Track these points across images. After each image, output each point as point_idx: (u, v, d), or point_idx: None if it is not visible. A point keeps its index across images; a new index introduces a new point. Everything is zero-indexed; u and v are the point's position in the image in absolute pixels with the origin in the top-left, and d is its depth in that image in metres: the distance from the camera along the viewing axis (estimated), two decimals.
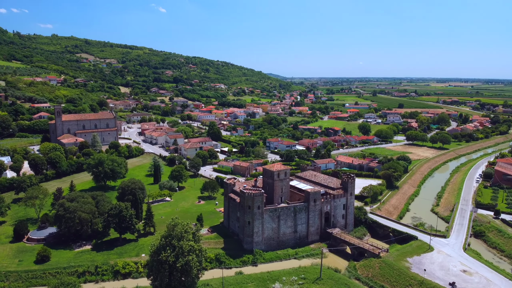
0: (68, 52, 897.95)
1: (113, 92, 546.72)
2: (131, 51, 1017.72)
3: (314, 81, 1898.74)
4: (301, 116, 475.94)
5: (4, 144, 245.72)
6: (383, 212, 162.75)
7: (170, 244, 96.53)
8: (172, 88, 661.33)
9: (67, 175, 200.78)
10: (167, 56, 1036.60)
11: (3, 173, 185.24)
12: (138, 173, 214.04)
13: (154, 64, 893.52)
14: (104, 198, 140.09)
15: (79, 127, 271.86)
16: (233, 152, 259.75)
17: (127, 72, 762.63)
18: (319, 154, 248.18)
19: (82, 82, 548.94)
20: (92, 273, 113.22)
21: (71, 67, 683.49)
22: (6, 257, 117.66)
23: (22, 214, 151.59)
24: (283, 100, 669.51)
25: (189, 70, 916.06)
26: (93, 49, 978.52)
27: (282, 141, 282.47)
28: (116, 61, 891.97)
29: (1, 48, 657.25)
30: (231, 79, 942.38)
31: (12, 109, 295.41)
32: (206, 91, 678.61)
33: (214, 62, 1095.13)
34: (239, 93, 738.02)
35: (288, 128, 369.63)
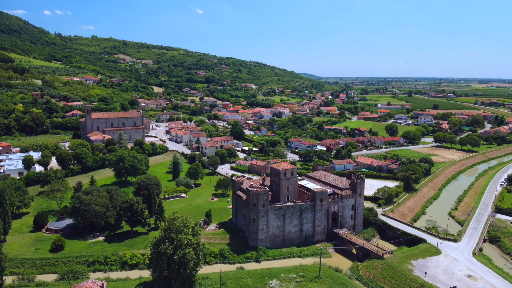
0: (106, 53, 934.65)
1: (146, 91, 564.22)
2: (167, 52, 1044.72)
3: (350, 81, 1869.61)
4: (328, 116, 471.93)
5: (37, 140, 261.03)
6: (396, 214, 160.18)
7: (169, 237, 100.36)
8: (203, 88, 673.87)
9: (92, 170, 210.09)
10: (201, 57, 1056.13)
11: (32, 167, 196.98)
12: (160, 169, 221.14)
13: (188, 64, 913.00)
14: (118, 192, 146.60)
15: (108, 124, 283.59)
16: (253, 151, 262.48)
17: (162, 73, 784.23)
18: (339, 155, 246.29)
19: (117, 82, 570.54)
20: (101, 263, 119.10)
21: (108, 67, 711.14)
22: (24, 245, 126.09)
23: (45, 206, 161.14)
24: (313, 100, 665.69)
25: (221, 71, 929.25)
26: (130, 50, 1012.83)
27: (303, 141, 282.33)
28: (151, 61, 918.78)
29: (43, 48, 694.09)
30: (262, 79, 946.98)
31: (47, 107, 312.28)
32: (236, 91, 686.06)
33: (247, 62, 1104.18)
34: (269, 93, 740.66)
35: (312, 128, 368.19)
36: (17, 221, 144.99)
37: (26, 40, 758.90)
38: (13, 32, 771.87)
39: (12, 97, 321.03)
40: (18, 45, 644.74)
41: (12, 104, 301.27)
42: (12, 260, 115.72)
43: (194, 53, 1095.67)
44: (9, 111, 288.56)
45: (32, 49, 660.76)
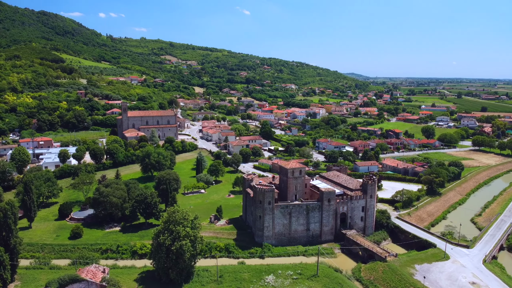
0: (154, 54, 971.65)
1: (187, 92, 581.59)
2: (211, 53, 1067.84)
3: (399, 82, 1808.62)
4: (366, 117, 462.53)
5: (78, 136, 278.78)
6: (412, 218, 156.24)
7: (168, 229, 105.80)
8: (242, 89, 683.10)
9: (123, 165, 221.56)
10: (243, 58, 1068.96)
11: (67, 160, 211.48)
12: (186, 166, 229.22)
13: (231, 65, 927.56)
14: (135, 185, 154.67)
15: (143, 122, 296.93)
16: (278, 151, 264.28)
17: (204, 73, 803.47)
18: (366, 156, 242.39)
19: (160, 82, 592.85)
20: (113, 251, 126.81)
21: (153, 68, 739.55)
22: (47, 232, 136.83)
23: (73, 197, 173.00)
24: (354, 101, 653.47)
25: (263, 71, 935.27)
26: (177, 52, 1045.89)
27: (331, 142, 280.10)
28: (196, 62, 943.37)
29: (93, 50, 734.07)
30: (303, 79, 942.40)
31: (89, 105, 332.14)
32: (275, 91, 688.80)
33: (289, 62, 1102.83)
34: (308, 93, 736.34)
35: (345, 129, 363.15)
36: (45, 210, 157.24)
37: (79, 41, 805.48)
38: (67, 33, 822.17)
39: (58, 95, 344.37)
40: (70, 46, 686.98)
41: (57, 102, 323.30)
42: (33, 245, 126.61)
43: (237, 54, 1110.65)
44: (54, 108, 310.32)
45: (83, 50, 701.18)
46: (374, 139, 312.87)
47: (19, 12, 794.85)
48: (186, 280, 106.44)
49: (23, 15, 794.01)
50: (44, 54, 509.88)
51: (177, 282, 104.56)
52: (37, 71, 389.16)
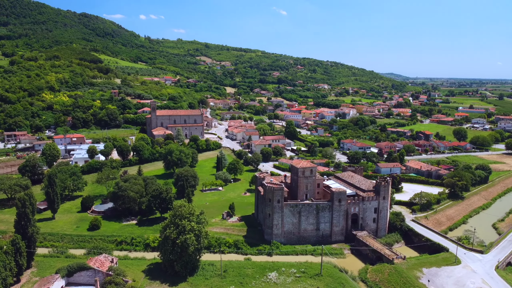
0: (189, 55, 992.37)
1: (219, 92, 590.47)
2: (245, 54, 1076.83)
3: (439, 82, 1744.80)
4: (398, 118, 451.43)
5: (109, 133, 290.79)
6: (430, 221, 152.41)
7: (174, 223, 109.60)
8: (273, 89, 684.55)
9: (148, 162, 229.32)
10: (277, 58, 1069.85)
11: (95, 156, 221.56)
12: (208, 164, 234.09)
13: (264, 66, 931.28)
14: (153, 181, 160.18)
15: (171, 121, 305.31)
16: (301, 151, 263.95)
17: (237, 74, 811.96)
18: (390, 158, 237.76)
19: (193, 83, 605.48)
20: (128, 243, 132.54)
21: (187, 68, 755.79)
22: (68, 223, 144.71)
23: (98, 191, 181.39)
24: (388, 101, 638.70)
25: (295, 71, 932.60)
26: (211, 52, 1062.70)
27: (355, 143, 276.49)
28: (230, 63, 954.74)
29: (131, 51, 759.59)
30: (337, 79, 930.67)
31: (121, 103, 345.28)
32: (306, 91, 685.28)
33: (323, 62, 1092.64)
34: (341, 93, 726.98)
35: (374, 130, 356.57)
36: (70, 203, 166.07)
37: (118, 42, 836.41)
38: (107, 35, 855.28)
39: (93, 94, 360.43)
40: (109, 47, 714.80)
41: (92, 100, 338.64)
42: (54, 234, 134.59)
43: (271, 55, 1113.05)
44: (88, 106, 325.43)
45: (121, 51, 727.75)
46: (403, 140, 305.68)
47: (61, 14, 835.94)
48: (191, 273, 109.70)
49: (65, 17, 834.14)
50: (84, 55, 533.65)
51: (182, 274, 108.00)
52: (74, 71, 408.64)
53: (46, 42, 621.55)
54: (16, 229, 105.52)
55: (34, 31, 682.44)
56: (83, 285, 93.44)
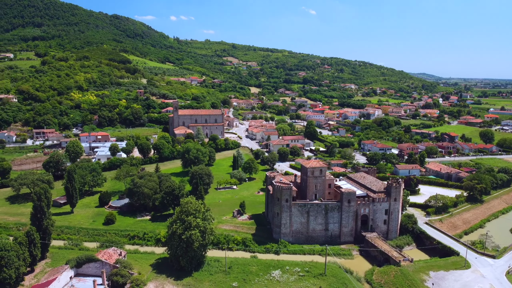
0: (216, 56, 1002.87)
1: (243, 92, 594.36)
2: (271, 54, 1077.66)
3: (473, 83, 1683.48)
4: (425, 119, 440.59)
5: (133, 132, 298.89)
6: (444, 224, 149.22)
7: (180, 219, 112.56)
8: (298, 89, 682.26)
9: (168, 159, 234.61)
10: (303, 57, 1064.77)
11: (117, 154, 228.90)
12: (225, 162, 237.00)
13: (290, 66, 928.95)
14: (167, 178, 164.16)
15: (192, 120, 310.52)
16: (319, 151, 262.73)
17: (262, 74, 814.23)
18: (411, 160, 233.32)
19: (218, 83, 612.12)
20: (140, 237, 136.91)
21: (213, 69, 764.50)
22: (86, 217, 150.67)
23: (117, 187, 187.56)
24: (416, 102, 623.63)
25: (322, 71, 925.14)
26: (238, 53, 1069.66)
27: (376, 144, 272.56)
28: (256, 63, 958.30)
29: (159, 51, 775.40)
30: (365, 79, 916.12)
31: (146, 103, 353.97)
32: (332, 91, 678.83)
33: (351, 62, 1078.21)
34: (368, 93, 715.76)
35: (398, 131, 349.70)
36: (89, 198, 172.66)
37: (148, 43, 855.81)
38: (137, 36, 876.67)
39: (119, 93, 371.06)
40: (138, 48, 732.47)
41: (118, 100, 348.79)
42: (71, 228, 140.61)
43: (298, 54, 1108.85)
44: (114, 105, 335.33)
45: (150, 52, 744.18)
46: (427, 142, 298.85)
47: (93, 16, 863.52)
48: (196, 268, 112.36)
49: (97, 18, 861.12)
50: (113, 56, 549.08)
51: (188, 269, 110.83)
52: (102, 71, 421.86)
53: (78, 43, 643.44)
54: (32, 222, 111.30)
55: (67, 32, 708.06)
56: (91, 276, 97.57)
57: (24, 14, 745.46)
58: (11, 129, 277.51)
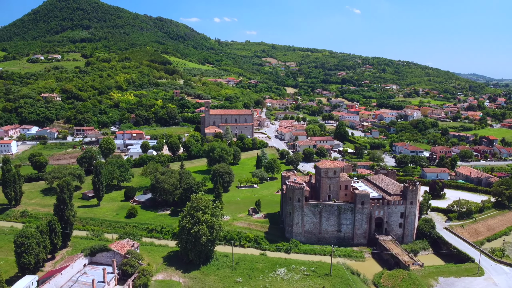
0: (256, 57, 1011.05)
1: (278, 92, 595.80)
2: (311, 54, 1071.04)
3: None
4: (466, 121, 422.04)
5: (167, 130, 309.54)
6: (466, 230, 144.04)
7: (190, 214, 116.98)
8: (336, 89, 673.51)
9: (196, 158, 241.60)
10: (344, 57, 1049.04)
11: (148, 151, 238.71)
12: (250, 162, 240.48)
13: (329, 66, 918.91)
14: (188, 175, 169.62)
15: (222, 120, 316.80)
16: (347, 152, 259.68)
17: (300, 74, 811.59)
18: (441, 163, 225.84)
19: (254, 83, 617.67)
20: (157, 231, 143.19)
21: (251, 70, 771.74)
22: (110, 210, 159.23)
23: (144, 183, 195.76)
24: (460, 103, 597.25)
25: (363, 71, 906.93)
26: (277, 53, 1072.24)
27: (407, 146, 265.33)
28: (294, 63, 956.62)
29: (200, 53, 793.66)
30: (408, 80, 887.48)
31: (180, 103, 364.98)
32: (371, 92, 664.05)
33: (394, 62, 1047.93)
34: (410, 94, 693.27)
35: (434, 133, 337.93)
36: (117, 192, 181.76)
37: (189, 45, 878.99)
38: (179, 38, 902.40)
39: (156, 93, 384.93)
40: (179, 49, 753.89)
41: (154, 99, 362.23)
42: (96, 220, 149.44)
43: (338, 54, 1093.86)
44: (150, 105, 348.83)
45: (191, 53, 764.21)
46: (463, 145, 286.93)
47: (138, 18, 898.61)
48: (205, 262, 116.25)
49: (142, 21, 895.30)
50: (155, 57, 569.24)
51: (196, 263, 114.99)
52: (142, 72, 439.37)
53: (123, 44, 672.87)
54: (55, 212, 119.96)
55: (113, 34, 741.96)
56: (104, 264, 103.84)
57: (73, 17, 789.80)
58: (53, 126, 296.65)
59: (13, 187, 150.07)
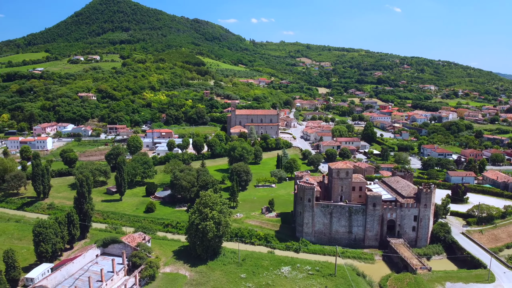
0: (290, 57, 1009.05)
1: (309, 93, 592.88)
2: (347, 54, 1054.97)
3: None
4: (504, 124, 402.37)
5: (195, 130, 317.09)
6: (484, 236, 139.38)
7: (199, 210, 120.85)
8: (370, 89, 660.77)
9: (220, 156, 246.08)
10: (381, 57, 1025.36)
11: (174, 149, 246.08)
12: (272, 162, 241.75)
13: (365, 65, 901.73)
14: (205, 173, 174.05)
15: (248, 120, 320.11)
16: (372, 154, 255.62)
17: (334, 74, 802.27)
18: (469, 166, 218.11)
19: (285, 84, 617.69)
20: (173, 226, 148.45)
21: (283, 70, 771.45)
22: (131, 205, 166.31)
23: (166, 179, 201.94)
24: (501, 105, 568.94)
25: (400, 71, 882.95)
26: (312, 53, 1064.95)
27: (436, 148, 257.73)
28: (329, 63, 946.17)
29: (233, 54, 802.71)
30: (448, 80, 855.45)
31: (209, 103, 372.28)
32: (407, 92, 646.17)
33: (434, 62, 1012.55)
34: (448, 95, 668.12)
35: (468, 136, 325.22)
36: (139, 188, 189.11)
37: (224, 46, 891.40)
38: (215, 39, 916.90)
39: (187, 94, 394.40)
40: (214, 51, 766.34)
41: (185, 99, 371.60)
42: (116, 213, 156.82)
43: (375, 54, 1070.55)
44: (180, 105, 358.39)
45: (225, 54, 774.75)
46: (496, 148, 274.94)
47: (175, 20, 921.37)
48: (212, 257, 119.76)
49: (179, 23, 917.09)
50: (189, 58, 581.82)
51: (203, 257, 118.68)
52: (175, 73, 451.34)
53: (159, 46, 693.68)
54: (75, 205, 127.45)
55: (151, 36, 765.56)
56: (115, 255, 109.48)
57: (113, 19, 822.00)
58: (88, 124, 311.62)
59: (41, 181, 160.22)
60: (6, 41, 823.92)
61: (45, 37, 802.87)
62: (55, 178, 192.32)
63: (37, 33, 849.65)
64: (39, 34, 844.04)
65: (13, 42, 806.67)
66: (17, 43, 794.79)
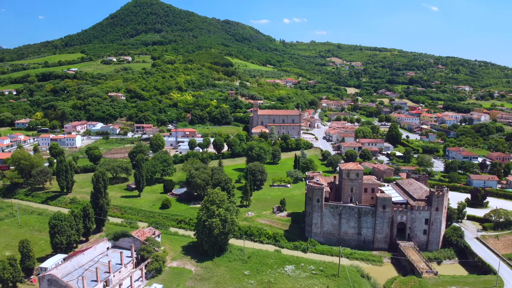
0: (320, 57, 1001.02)
1: (337, 93, 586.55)
2: (379, 53, 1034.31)
3: None
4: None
5: (218, 129, 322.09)
6: (500, 241, 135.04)
7: (206, 207, 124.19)
8: (401, 90, 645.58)
9: (239, 156, 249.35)
10: (415, 57, 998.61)
11: (195, 148, 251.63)
12: (291, 161, 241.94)
13: (398, 65, 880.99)
14: (219, 171, 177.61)
15: (270, 120, 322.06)
16: (395, 156, 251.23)
17: (364, 74, 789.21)
18: (493, 170, 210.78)
19: (312, 84, 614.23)
20: (186, 222, 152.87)
21: (312, 70, 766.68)
22: (148, 201, 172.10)
23: (185, 177, 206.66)
24: None
25: (434, 71, 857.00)
26: (343, 53, 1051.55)
27: (462, 151, 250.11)
28: (360, 63, 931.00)
29: (262, 54, 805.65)
30: (484, 81, 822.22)
31: (234, 103, 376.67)
32: (440, 93, 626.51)
33: (470, 62, 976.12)
34: (483, 96, 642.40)
35: (498, 138, 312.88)
36: (158, 185, 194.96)
37: (254, 47, 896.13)
38: (244, 40, 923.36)
39: (213, 94, 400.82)
40: (243, 51, 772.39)
41: (210, 100, 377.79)
42: (133, 209, 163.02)
43: (408, 53, 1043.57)
44: (205, 105, 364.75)
45: (253, 55, 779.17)
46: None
47: (207, 22, 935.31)
48: (218, 254, 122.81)
49: (210, 24, 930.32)
50: (217, 59, 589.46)
51: (210, 254, 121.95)
52: (202, 73, 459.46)
53: (190, 47, 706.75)
54: (92, 199, 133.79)
55: (182, 37, 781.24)
56: (125, 249, 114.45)
57: (147, 21, 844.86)
58: (116, 123, 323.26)
59: (65, 176, 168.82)
60: (44, 42, 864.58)
61: (81, 39, 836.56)
62: (80, 174, 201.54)
63: (74, 35, 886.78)
64: (75, 35, 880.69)
65: (51, 43, 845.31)
66: (54, 44, 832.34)
